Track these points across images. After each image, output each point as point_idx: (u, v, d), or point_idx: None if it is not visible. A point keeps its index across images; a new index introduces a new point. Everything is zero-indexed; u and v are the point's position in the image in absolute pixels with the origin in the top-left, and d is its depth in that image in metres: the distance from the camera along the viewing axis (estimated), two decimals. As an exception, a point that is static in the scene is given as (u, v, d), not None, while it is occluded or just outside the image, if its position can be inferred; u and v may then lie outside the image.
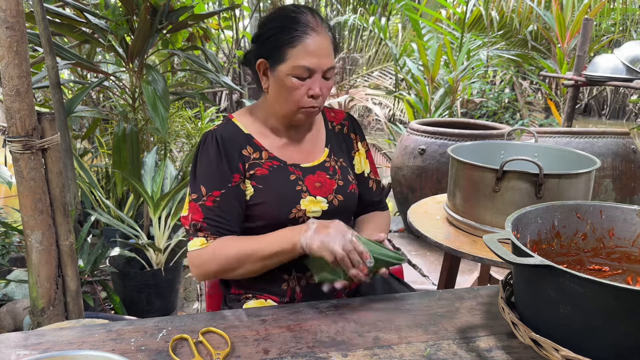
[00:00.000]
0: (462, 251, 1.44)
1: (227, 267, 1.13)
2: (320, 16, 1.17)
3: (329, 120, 1.36)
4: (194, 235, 1.15)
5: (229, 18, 4.54)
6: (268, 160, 1.22)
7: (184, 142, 4.05)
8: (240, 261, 1.12)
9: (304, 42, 1.11)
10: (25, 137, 1.44)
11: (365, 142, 1.40)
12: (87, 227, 2.15)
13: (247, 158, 1.20)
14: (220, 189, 1.16)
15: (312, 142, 1.30)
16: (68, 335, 0.95)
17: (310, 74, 1.13)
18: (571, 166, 1.56)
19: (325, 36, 1.14)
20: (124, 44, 2.55)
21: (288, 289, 1.22)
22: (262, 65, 1.18)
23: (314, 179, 1.24)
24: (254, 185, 1.19)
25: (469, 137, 2.96)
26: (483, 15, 5.76)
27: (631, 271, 1.01)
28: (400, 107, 7.08)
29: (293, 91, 1.14)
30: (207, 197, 1.16)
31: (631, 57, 3.03)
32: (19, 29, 1.39)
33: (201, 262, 1.14)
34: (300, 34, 1.11)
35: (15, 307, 2.06)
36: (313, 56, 1.12)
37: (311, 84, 1.14)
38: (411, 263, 3.13)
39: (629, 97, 9.23)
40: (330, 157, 1.30)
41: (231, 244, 1.14)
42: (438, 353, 0.89)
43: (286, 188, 1.20)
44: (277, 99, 1.19)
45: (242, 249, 1.12)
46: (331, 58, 1.16)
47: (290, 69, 1.12)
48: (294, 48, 1.11)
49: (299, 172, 1.23)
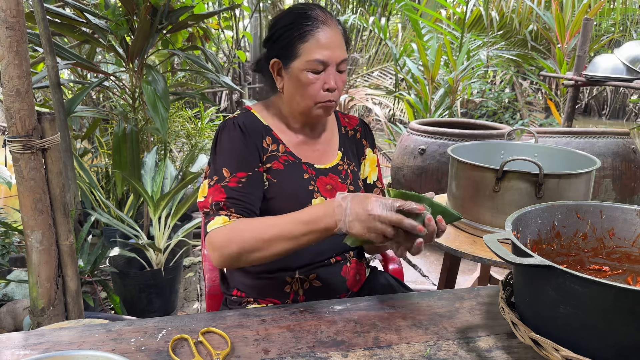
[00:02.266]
0: (462, 251, 1.44)
1: (250, 247, 1.02)
2: (329, 11, 1.18)
3: (343, 125, 1.35)
4: (215, 215, 1.09)
5: (229, 18, 4.54)
6: (284, 154, 1.20)
7: (184, 142, 4.05)
8: (266, 240, 1.01)
9: (316, 35, 1.11)
10: (25, 137, 1.44)
11: (375, 149, 1.39)
12: (87, 227, 2.15)
13: (266, 150, 1.19)
14: (246, 171, 1.13)
15: (326, 144, 1.29)
16: (68, 335, 0.95)
17: (325, 67, 1.13)
18: (571, 166, 1.56)
19: (335, 29, 1.14)
20: (124, 44, 2.55)
21: (291, 291, 1.21)
22: (275, 65, 1.18)
23: (326, 181, 1.23)
24: (268, 179, 1.17)
25: (469, 137, 2.96)
26: (483, 16, 5.77)
27: (631, 271, 1.01)
28: (400, 107, 7.08)
29: (309, 86, 1.13)
30: (230, 179, 1.11)
31: (631, 57, 3.03)
32: (19, 29, 1.39)
33: (222, 243, 1.04)
34: (311, 28, 1.11)
35: (15, 307, 2.06)
36: (326, 48, 1.11)
37: (326, 78, 1.13)
38: (411, 263, 3.13)
39: (629, 97, 9.23)
40: (344, 161, 1.29)
41: (256, 222, 1.06)
42: (438, 353, 0.89)
43: (299, 186, 1.19)
44: (294, 96, 1.17)
45: (266, 227, 1.03)
46: (343, 50, 1.15)
47: (304, 63, 1.12)
48: (306, 42, 1.11)
49: (312, 172, 1.22)
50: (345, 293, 1.25)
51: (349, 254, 1.28)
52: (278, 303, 1.21)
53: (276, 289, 1.21)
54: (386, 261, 1.53)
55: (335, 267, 1.23)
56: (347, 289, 1.25)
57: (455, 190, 1.59)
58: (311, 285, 1.21)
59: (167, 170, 2.66)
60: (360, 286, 1.31)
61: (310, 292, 1.21)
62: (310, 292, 1.21)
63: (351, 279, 1.26)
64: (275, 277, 1.20)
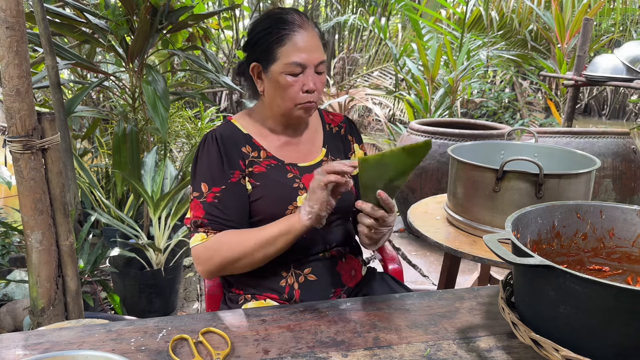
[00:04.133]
0: (462, 251, 1.44)
1: (230, 258, 1.13)
2: (306, 15, 1.21)
3: (327, 123, 1.38)
4: (194, 232, 1.17)
5: (229, 18, 4.54)
6: (266, 159, 1.24)
7: (184, 142, 4.05)
8: (242, 251, 1.11)
9: (293, 39, 1.15)
10: (25, 137, 1.44)
11: (362, 144, 1.42)
12: (87, 227, 2.15)
13: (247, 155, 1.23)
14: (221, 185, 1.18)
15: (310, 143, 1.32)
16: (68, 335, 0.95)
17: (303, 69, 1.16)
18: (571, 166, 1.56)
19: (312, 32, 1.18)
20: (124, 44, 2.55)
21: (286, 285, 1.23)
22: (255, 68, 1.22)
23: (311, 178, 1.25)
24: (252, 183, 1.21)
25: (469, 137, 2.96)
26: (483, 16, 5.77)
27: (631, 271, 1.01)
28: (400, 107, 7.08)
29: (288, 88, 1.17)
30: (207, 194, 1.17)
31: (631, 57, 3.03)
32: (19, 29, 1.39)
33: (205, 258, 1.14)
34: (288, 32, 1.15)
35: (15, 307, 2.06)
36: (303, 51, 1.15)
37: (305, 80, 1.17)
38: (411, 263, 3.13)
39: (629, 97, 9.23)
40: (328, 157, 1.31)
41: (231, 235, 1.15)
42: (438, 353, 0.89)
43: (283, 185, 1.22)
44: (274, 98, 1.21)
45: (243, 238, 1.13)
46: (321, 52, 1.18)
47: (283, 66, 1.15)
48: (283, 46, 1.15)
49: (296, 171, 1.25)
50: (341, 288, 1.27)
51: (344, 249, 1.31)
52: (275, 297, 1.22)
53: (272, 282, 1.23)
54: (386, 261, 1.53)
55: (330, 262, 1.26)
56: (342, 284, 1.27)
57: (456, 190, 1.59)
58: (306, 279, 1.23)
59: (167, 170, 2.66)
60: (357, 283, 1.33)
61: (305, 287, 1.23)
62: (306, 287, 1.23)
63: (346, 274, 1.28)
64: (270, 271, 1.22)
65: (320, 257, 1.25)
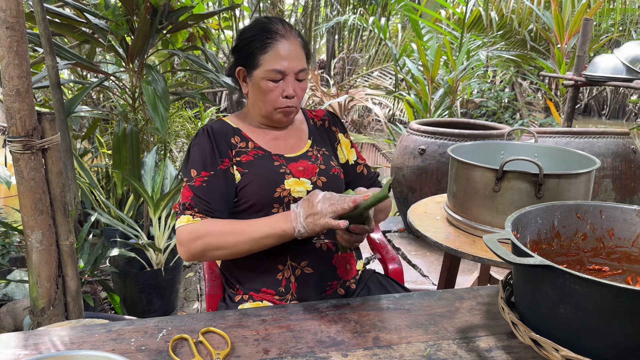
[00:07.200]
0: (462, 251, 1.44)
1: (213, 245, 1.15)
2: (290, 25, 1.30)
3: (310, 118, 1.46)
4: (181, 214, 1.20)
5: (229, 18, 4.54)
6: (254, 149, 1.30)
7: (184, 142, 4.05)
8: (227, 241, 1.15)
9: (275, 47, 1.23)
10: (25, 137, 1.44)
11: (347, 134, 1.48)
12: (87, 227, 2.15)
13: (235, 145, 1.29)
14: (210, 171, 1.23)
15: (295, 137, 1.38)
16: (68, 335, 0.95)
17: (283, 76, 1.24)
18: (571, 166, 1.56)
19: (294, 42, 1.25)
20: (124, 44, 2.55)
21: (283, 279, 1.25)
22: (240, 72, 1.30)
23: (297, 165, 1.31)
24: (240, 171, 1.26)
25: (469, 137, 2.96)
26: (482, 16, 5.77)
27: (631, 271, 1.01)
28: (400, 107, 7.09)
29: (268, 93, 1.25)
30: (196, 178, 1.22)
31: (631, 57, 3.03)
32: (19, 29, 1.39)
33: (187, 240, 1.16)
34: (271, 41, 1.23)
35: (15, 307, 2.06)
36: (284, 59, 1.23)
37: (285, 86, 1.25)
38: (411, 263, 3.13)
39: (629, 97, 9.24)
40: (313, 147, 1.38)
41: (218, 223, 1.18)
42: (438, 353, 0.89)
43: (271, 170, 1.27)
44: (256, 101, 1.29)
45: (230, 228, 1.16)
46: (302, 61, 1.26)
47: (265, 73, 1.23)
48: (266, 54, 1.23)
49: (282, 160, 1.30)
50: (337, 281, 1.29)
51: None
52: (272, 292, 1.24)
53: (269, 275, 1.25)
54: (386, 261, 1.53)
55: (326, 255, 1.28)
56: (338, 277, 1.29)
57: (455, 190, 1.59)
58: (303, 272, 1.25)
59: (167, 170, 2.66)
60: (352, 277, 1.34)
61: (301, 280, 1.25)
62: (302, 280, 1.25)
63: (341, 267, 1.30)
64: (267, 265, 1.25)
65: (316, 248, 1.27)
